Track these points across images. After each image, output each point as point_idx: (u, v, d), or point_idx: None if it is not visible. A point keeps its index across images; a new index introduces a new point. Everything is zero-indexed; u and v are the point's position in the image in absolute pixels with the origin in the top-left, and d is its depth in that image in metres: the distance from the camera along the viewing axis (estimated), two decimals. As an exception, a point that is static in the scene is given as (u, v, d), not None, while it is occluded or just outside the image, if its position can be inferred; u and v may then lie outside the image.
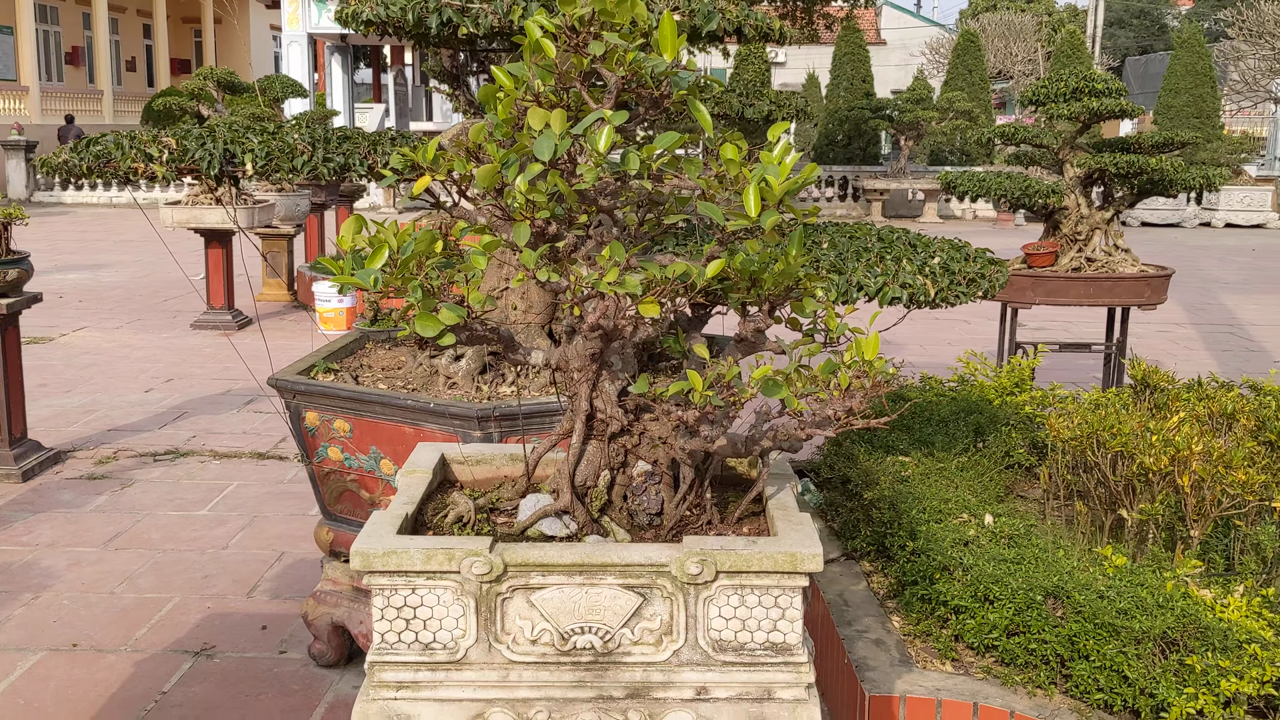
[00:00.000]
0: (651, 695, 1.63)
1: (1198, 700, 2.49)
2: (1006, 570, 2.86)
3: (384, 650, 1.63)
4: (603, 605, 1.62)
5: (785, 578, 1.61)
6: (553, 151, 1.48)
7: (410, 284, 1.51)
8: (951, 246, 3.17)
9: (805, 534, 1.66)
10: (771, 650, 1.64)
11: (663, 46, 1.60)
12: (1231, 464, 2.97)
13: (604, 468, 1.74)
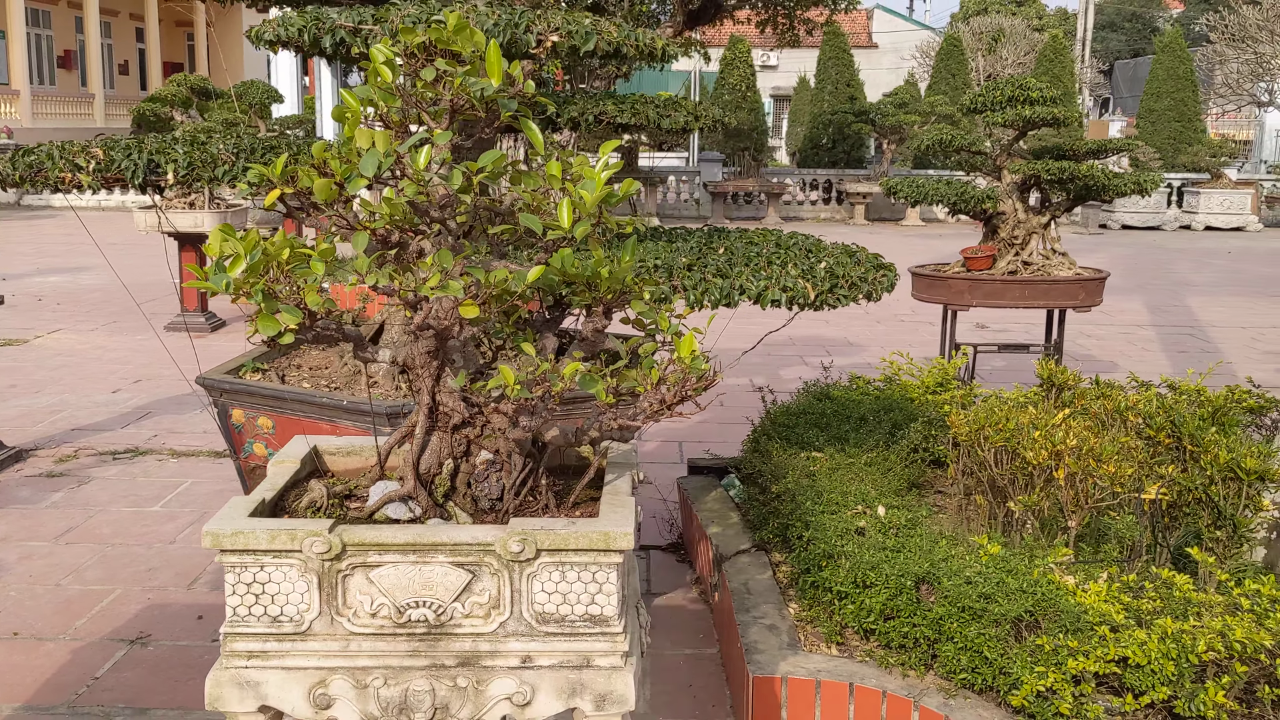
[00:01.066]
0: (480, 664, 1.79)
1: (1047, 678, 2.65)
2: (884, 558, 3.03)
3: (235, 623, 1.79)
4: (435, 581, 1.78)
5: (601, 555, 1.77)
6: (376, 168, 1.64)
7: (254, 287, 1.67)
8: (844, 252, 3.33)
9: (623, 516, 1.81)
10: (590, 622, 1.80)
11: (490, 71, 1.76)
12: (1102, 458, 3.13)
13: (448, 457, 1.90)
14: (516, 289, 1.73)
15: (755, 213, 23.20)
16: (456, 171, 1.71)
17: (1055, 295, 5.99)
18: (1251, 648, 2.60)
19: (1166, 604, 2.88)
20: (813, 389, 4.89)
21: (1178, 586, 2.91)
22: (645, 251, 3.08)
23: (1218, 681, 2.63)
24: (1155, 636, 2.63)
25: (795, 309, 3.00)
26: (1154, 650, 2.61)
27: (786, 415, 4.58)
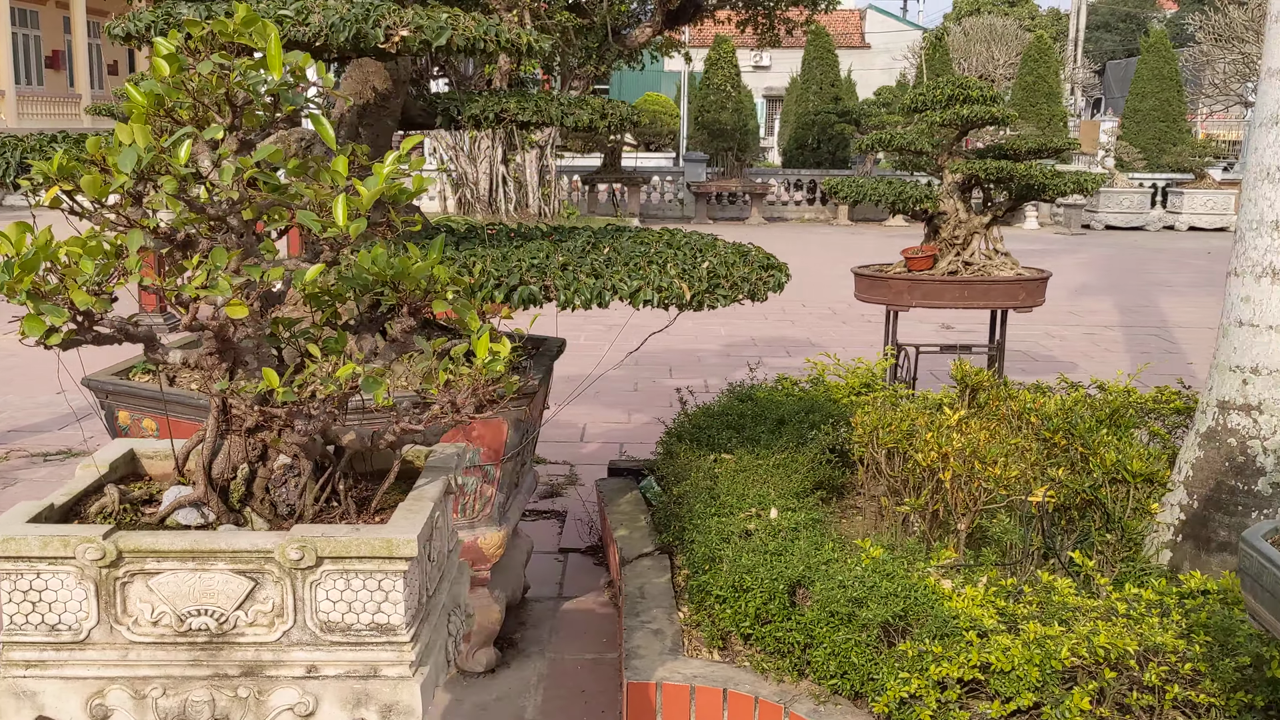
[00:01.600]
0: (264, 673, 1.75)
1: (911, 684, 2.61)
2: (761, 561, 2.98)
3: (13, 631, 1.74)
4: (216, 589, 1.73)
5: (386, 562, 1.73)
6: (135, 164, 1.60)
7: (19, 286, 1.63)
8: (735, 251, 3.29)
9: (412, 523, 1.77)
10: (377, 631, 1.75)
11: (271, 65, 1.72)
12: (987, 460, 3.09)
13: (242, 461, 1.85)
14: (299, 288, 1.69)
15: (739, 213, 23.16)
16: (227, 167, 1.67)
17: (995, 296, 5.94)
18: (1115, 653, 2.56)
19: (1044, 609, 2.84)
20: (736, 390, 4.85)
21: (1058, 591, 2.87)
22: (525, 251, 3.04)
23: (1084, 688, 2.58)
24: (1019, 642, 2.59)
25: (677, 309, 2.95)
26: (1017, 656, 2.57)
27: (705, 416, 4.54)
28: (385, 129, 3.60)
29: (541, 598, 4.18)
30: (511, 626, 3.92)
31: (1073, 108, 42.12)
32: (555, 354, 3.86)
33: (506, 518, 3.56)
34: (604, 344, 9.68)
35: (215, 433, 1.83)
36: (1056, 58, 25.90)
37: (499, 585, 3.63)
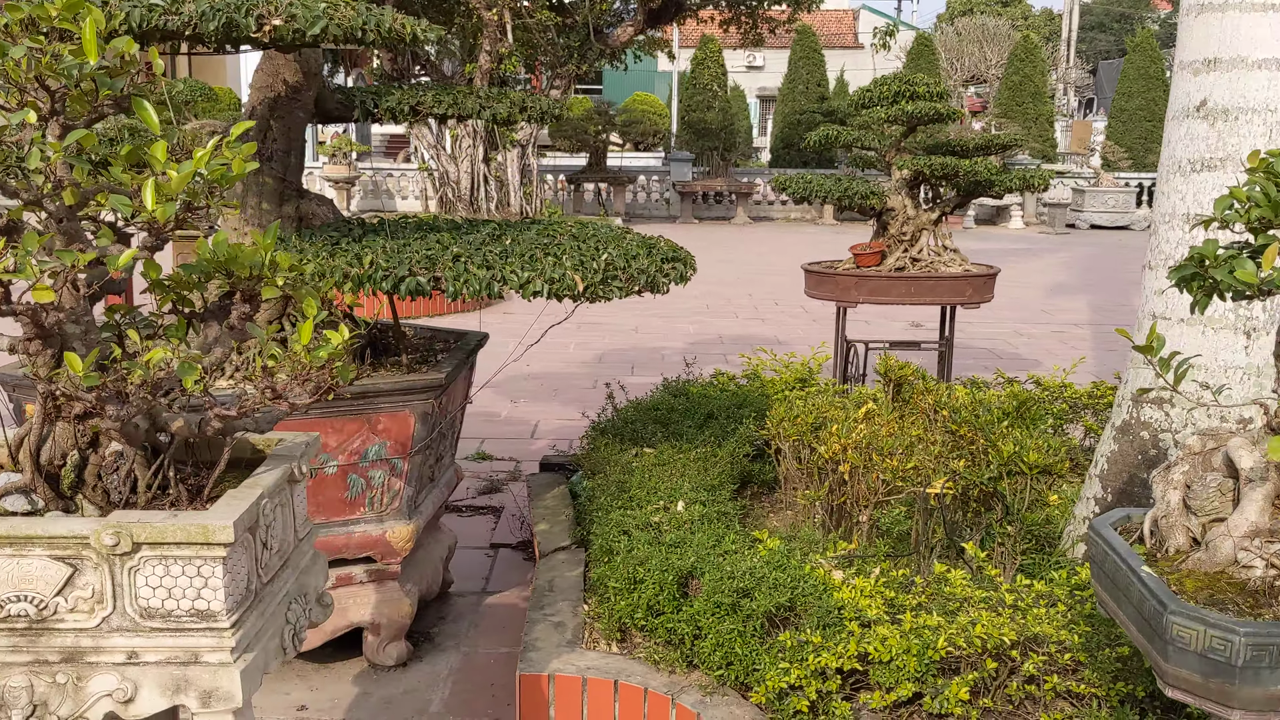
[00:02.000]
0: (84, 659, 1.74)
1: (790, 674, 2.60)
2: (653, 554, 2.98)
3: None
4: (35, 575, 1.73)
5: (203, 549, 1.72)
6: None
7: None
8: (640, 244, 3.28)
9: (234, 509, 1.76)
10: (197, 617, 1.75)
11: (86, 50, 1.71)
12: (884, 451, 3.08)
13: (72, 447, 1.85)
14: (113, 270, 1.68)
15: (725, 212, 23.16)
16: (34, 152, 1.66)
17: (941, 292, 5.94)
18: (993, 643, 2.55)
19: (934, 600, 2.83)
20: (671, 385, 4.85)
21: (951, 582, 2.86)
22: (423, 243, 3.04)
23: (964, 678, 2.58)
24: (897, 632, 2.59)
25: (563, 299, 2.94)
26: (895, 646, 2.57)
27: (636, 411, 4.54)
28: (297, 121, 3.59)
29: (466, 592, 4.18)
30: (431, 621, 3.92)
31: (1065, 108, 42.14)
32: (473, 348, 3.86)
33: (419, 511, 3.56)
34: (571, 341, 9.70)
35: (41, 419, 1.82)
36: (1044, 57, 25.89)
37: (411, 579, 3.63)
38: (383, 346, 3.70)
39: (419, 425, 3.38)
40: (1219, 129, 3.44)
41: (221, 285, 1.91)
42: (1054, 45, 44.96)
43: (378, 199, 22.79)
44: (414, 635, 3.74)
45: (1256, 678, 1.70)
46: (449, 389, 3.55)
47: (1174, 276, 1.92)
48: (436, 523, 3.98)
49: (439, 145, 17.79)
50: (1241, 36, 3.39)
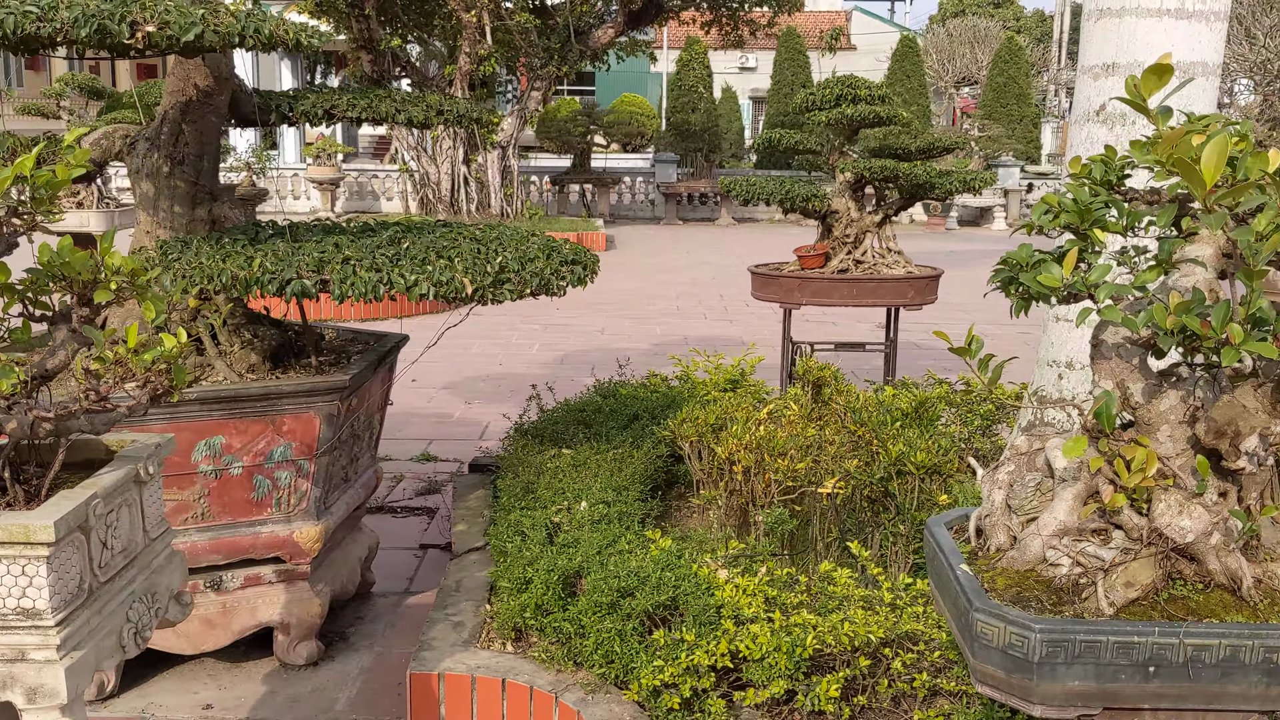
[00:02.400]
0: (-87, 656, 1.78)
1: (664, 672, 2.64)
2: (542, 554, 3.01)
3: None
4: None
5: (26, 548, 1.76)
6: None
7: None
8: (543, 247, 3.32)
9: (59, 509, 1.80)
10: (22, 615, 1.78)
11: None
12: (774, 452, 3.12)
13: (-91, 449, 1.89)
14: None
15: (710, 214, 23.19)
16: None
17: (884, 294, 5.98)
18: (860, 640, 2.59)
19: (817, 598, 2.87)
20: (601, 387, 4.88)
21: (835, 581, 2.90)
22: (317, 245, 3.07)
23: (835, 675, 2.62)
24: (768, 630, 2.62)
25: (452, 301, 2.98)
26: (766, 644, 2.60)
27: (565, 412, 4.57)
28: (210, 125, 3.63)
29: (388, 592, 4.21)
30: (348, 620, 3.96)
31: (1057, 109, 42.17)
32: (389, 350, 3.89)
33: (329, 512, 3.59)
34: (536, 342, 9.73)
35: (-124, 421, 1.86)
36: (1028, 59, 25.95)
37: (323, 579, 3.66)
38: (299, 348, 3.74)
39: (324, 427, 3.42)
40: (1117, 133, 3.48)
41: (60, 288, 1.95)
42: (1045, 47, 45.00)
43: (362, 200, 22.81)
44: (328, 635, 3.78)
45: (1053, 673, 1.74)
46: (359, 390, 3.59)
47: (994, 280, 1.96)
48: (355, 523, 4.01)
49: (420, 147, 17.84)
50: (1138, 41, 3.43)
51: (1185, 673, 1.72)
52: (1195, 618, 1.78)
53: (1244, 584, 1.79)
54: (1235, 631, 1.72)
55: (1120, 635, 1.72)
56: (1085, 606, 1.79)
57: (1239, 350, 1.63)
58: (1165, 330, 1.67)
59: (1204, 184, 1.55)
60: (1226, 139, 1.55)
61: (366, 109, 3.70)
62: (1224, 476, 1.85)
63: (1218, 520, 1.78)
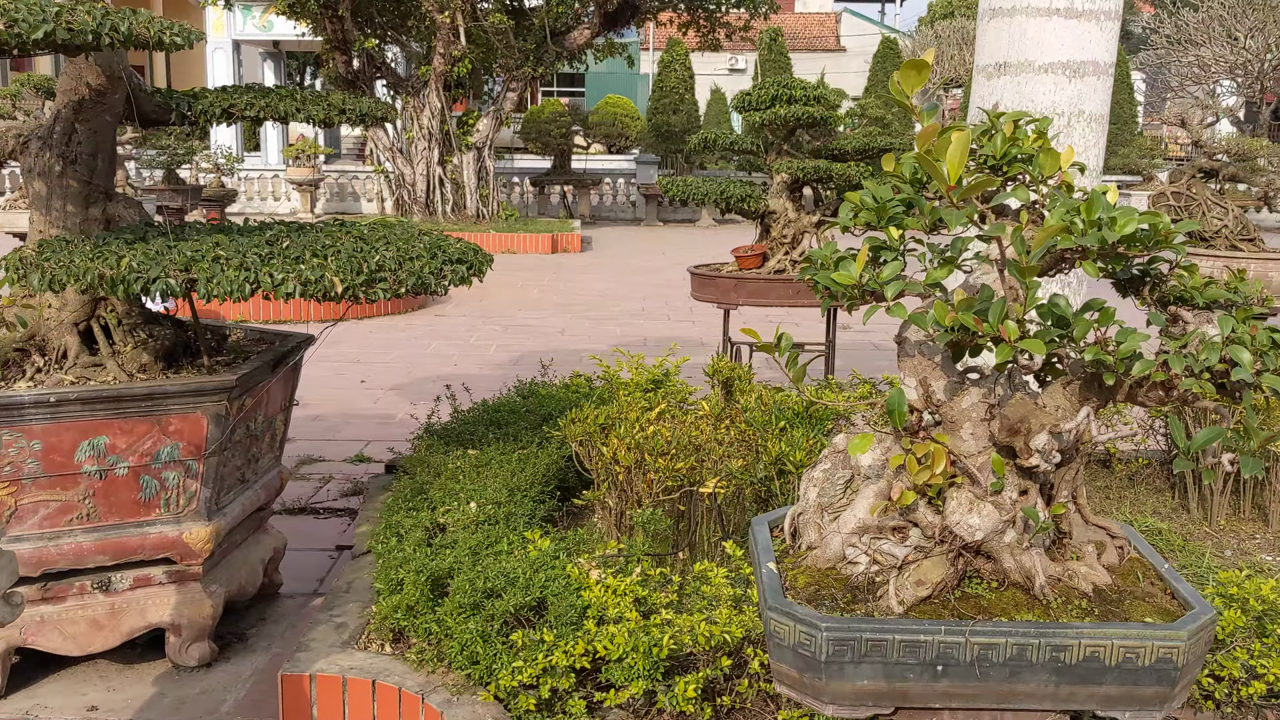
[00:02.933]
0: None
1: (523, 673, 2.62)
2: (412, 555, 3.00)
3: None
4: None
5: None
6: None
7: None
8: (430, 246, 3.31)
9: None
10: None
11: None
12: (658, 452, 3.11)
13: None
14: None
15: (690, 215, 23.19)
16: None
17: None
18: (716, 639, 2.58)
19: (690, 597, 2.86)
20: (521, 387, 4.87)
21: (710, 580, 2.89)
22: (191, 244, 3.05)
23: (695, 675, 2.61)
24: (625, 630, 2.61)
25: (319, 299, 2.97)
26: (623, 644, 2.59)
27: (483, 411, 4.56)
28: (104, 124, 3.61)
29: (297, 593, 4.19)
30: (251, 622, 3.94)
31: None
32: (288, 351, 3.87)
33: (222, 513, 3.57)
34: (494, 343, 9.71)
35: None
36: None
37: (218, 580, 3.64)
38: (198, 348, 3.73)
39: (212, 427, 3.40)
40: (1009, 132, 3.47)
41: None
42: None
43: (343, 201, 22.79)
44: (226, 636, 3.76)
45: (842, 672, 1.73)
46: (252, 391, 3.57)
47: (800, 275, 1.95)
48: (259, 524, 4.00)
49: (395, 148, 17.82)
50: (1028, 41, 3.43)
51: (973, 672, 1.71)
52: (986, 616, 1.77)
53: (1036, 582, 1.78)
54: (1021, 630, 1.71)
55: (906, 634, 1.71)
56: (879, 605, 1.78)
57: (1013, 347, 1.62)
58: (945, 328, 1.66)
59: (945, 179, 1.54)
60: (968, 135, 1.54)
61: (265, 109, 3.69)
62: (1027, 474, 1.84)
63: (1009, 518, 1.77)
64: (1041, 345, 1.58)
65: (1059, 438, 1.77)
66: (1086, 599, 1.79)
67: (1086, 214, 1.65)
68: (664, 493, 3.17)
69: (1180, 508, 4.54)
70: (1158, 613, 1.79)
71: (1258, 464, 1.62)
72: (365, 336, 9.72)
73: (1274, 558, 4.11)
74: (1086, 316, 1.74)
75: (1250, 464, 1.62)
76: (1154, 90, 33.65)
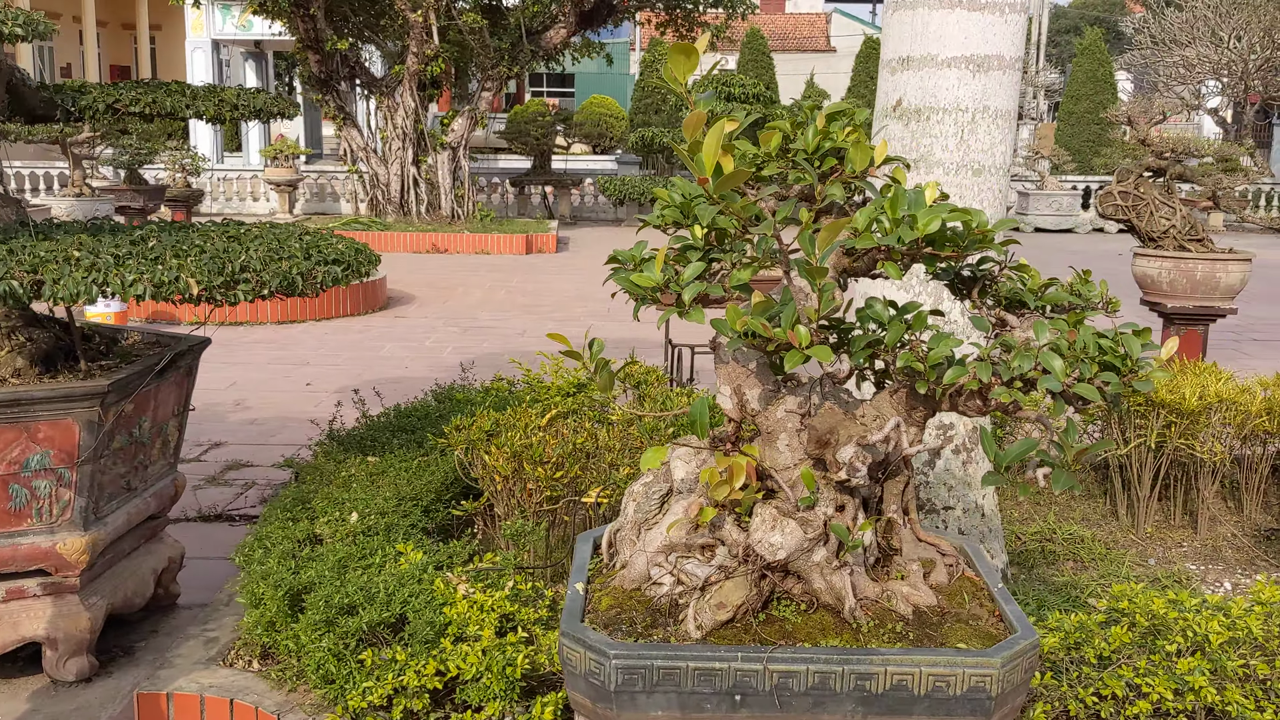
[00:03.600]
0: None
1: (375, 693, 2.51)
2: (274, 569, 2.88)
3: None
4: None
5: None
6: None
7: None
8: (307, 247, 3.19)
9: None
10: None
11: None
12: (537, 460, 2.99)
13: None
14: None
15: (671, 216, 23.07)
16: None
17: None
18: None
19: (558, 613, 2.74)
20: (438, 391, 4.75)
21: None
22: (49, 244, 2.94)
23: (554, 696, 2.49)
24: (478, 649, 2.49)
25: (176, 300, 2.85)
26: (477, 664, 2.47)
27: (397, 416, 4.44)
28: None
29: (196, 604, 4.07)
30: (141, 634, 3.81)
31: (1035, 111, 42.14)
32: (177, 355, 3.74)
33: (102, 523, 3.45)
34: (450, 345, 9.59)
35: None
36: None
37: (99, 592, 3.52)
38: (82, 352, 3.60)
39: (85, 434, 3.28)
40: (913, 129, 3.36)
41: None
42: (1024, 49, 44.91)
43: (322, 202, 22.65)
44: (112, 650, 3.63)
45: (634, 702, 1.61)
46: (134, 396, 3.45)
47: (613, 280, 1.83)
48: (151, 533, 3.87)
49: (369, 148, 17.69)
50: (931, 34, 3.32)
51: (773, 702, 1.60)
52: (790, 642, 1.65)
53: (846, 604, 1.66)
54: (824, 656, 1.59)
55: (701, 661, 1.59)
56: (679, 630, 1.67)
57: (804, 353, 1.50)
58: (735, 333, 1.54)
59: (703, 170, 1.43)
60: (723, 125, 1.42)
61: (151, 104, 3.57)
62: (845, 489, 1.73)
63: (815, 536, 1.65)
64: (829, 352, 1.46)
65: (873, 449, 1.65)
66: (904, 622, 1.68)
67: (890, 211, 1.53)
68: (548, 502, 3.06)
69: (1110, 515, 4.44)
70: (980, 637, 1.67)
71: (1070, 479, 1.50)
72: (320, 338, 9.60)
73: (1199, 566, 4.00)
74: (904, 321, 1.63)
75: (1061, 478, 1.50)
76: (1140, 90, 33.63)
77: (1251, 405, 4.10)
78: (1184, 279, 5.99)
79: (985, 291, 1.78)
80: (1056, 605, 3.32)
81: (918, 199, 1.57)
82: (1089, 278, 1.86)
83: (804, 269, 1.50)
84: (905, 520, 1.80)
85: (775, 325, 1.52)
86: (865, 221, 1.55)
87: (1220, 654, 2.53)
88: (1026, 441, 1.52)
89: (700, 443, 1.74)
